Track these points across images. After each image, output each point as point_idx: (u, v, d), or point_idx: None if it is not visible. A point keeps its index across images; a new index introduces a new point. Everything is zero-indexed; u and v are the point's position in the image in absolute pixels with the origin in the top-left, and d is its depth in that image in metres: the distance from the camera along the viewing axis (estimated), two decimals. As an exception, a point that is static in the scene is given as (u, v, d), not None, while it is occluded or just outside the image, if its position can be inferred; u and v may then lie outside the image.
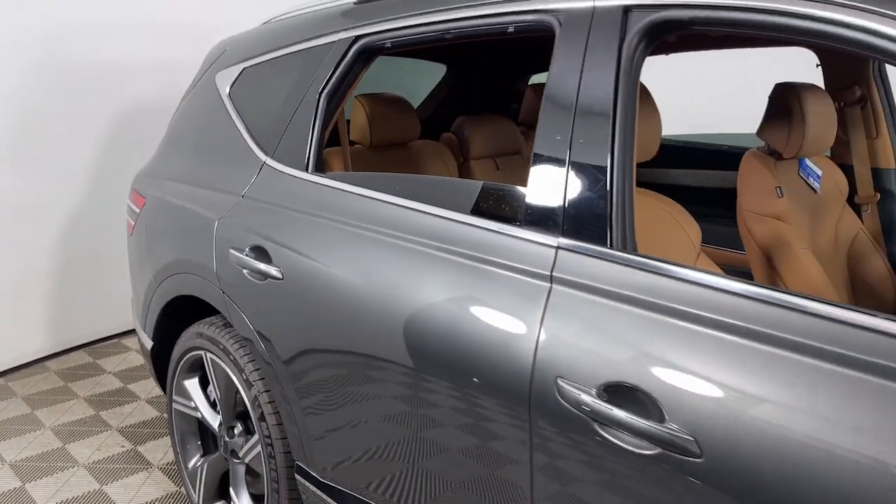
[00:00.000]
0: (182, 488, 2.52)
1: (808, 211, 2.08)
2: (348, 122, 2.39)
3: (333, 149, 2.25)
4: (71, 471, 2.67)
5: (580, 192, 1.27)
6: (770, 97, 2.04)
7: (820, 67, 2.27)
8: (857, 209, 2.24)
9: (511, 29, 1.48)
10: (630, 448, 1.09)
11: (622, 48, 1.27)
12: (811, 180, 2.14)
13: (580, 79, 1.30)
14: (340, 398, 1.64)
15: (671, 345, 1.08)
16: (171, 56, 3.57)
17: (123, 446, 2.85)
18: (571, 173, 1.28)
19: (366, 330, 1.54)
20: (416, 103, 3.10)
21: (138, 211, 2.43)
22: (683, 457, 1.03)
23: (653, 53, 1.37)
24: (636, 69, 1.28)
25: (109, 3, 3.54)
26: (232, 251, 1.89)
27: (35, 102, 3.38)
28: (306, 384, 1.72)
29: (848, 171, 2.24)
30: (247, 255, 1.84)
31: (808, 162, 2.15)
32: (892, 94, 2.24)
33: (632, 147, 1.27)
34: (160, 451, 2.80)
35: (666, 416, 1.05)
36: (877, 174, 2.23)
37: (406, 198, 1.58)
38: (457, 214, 1.46)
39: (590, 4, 1.33)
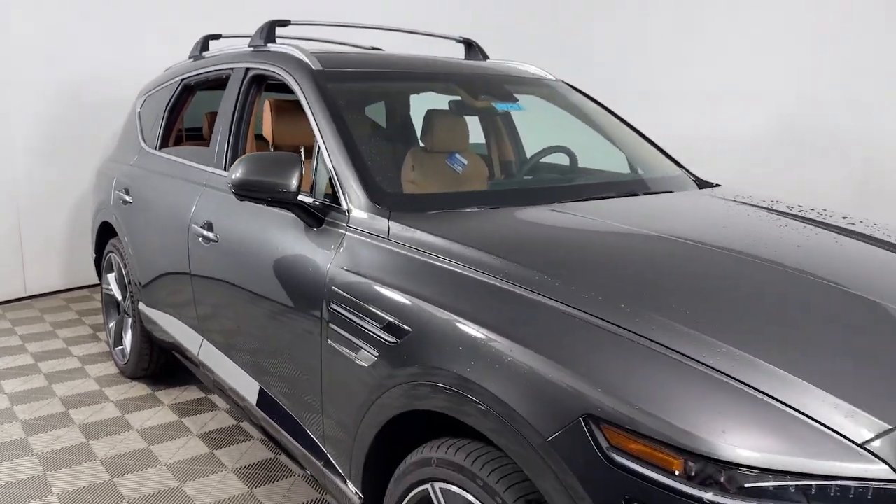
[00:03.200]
0: (113, 359, 4.15)
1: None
2: (188, 128, 4.01)
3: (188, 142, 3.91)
4: (55, 340, 4.38)
5: (220, 151, 2.87)
6: (424, 118, 3.56)
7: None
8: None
9: (224, 76, 3.12)
10: (204, 242, 2.67)
11: (243, 84, 2.88)
12: (455, 166, 3.63)
13: (226, 94, 2.92)
14: (151, 261, 3.28)
15: (211, 197, 2.67)
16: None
17: (87, 332, 4.56)
18: (218, 142, 2.89)
19: (162, 224, 3.16)
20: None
21: (95, 181, 4.18)
22: (213, 243, 2.61)
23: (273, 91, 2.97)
24: (252, 97, 2.87)
25: (115, 55, 5.37)
26: (115, 190, 3.58)
27: (62, 122, 5.23)
28: (139, 257, 3.37)
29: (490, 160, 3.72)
30: (121, 192, 3.53)
31: (457, 155, 3.65)
32: (510, 116, 3.71)
33: (247, 128, 2.86)
34: (103, 335, 4.48)
35: (214, 227, 2.63)
36: (503, 164, 3.71)
37: (184, 159, 3.21)
38: (191, 163, 3.08)
39: (237, 66, 2.95)
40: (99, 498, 2.68)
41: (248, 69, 2.89)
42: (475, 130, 3.62)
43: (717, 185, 2.77)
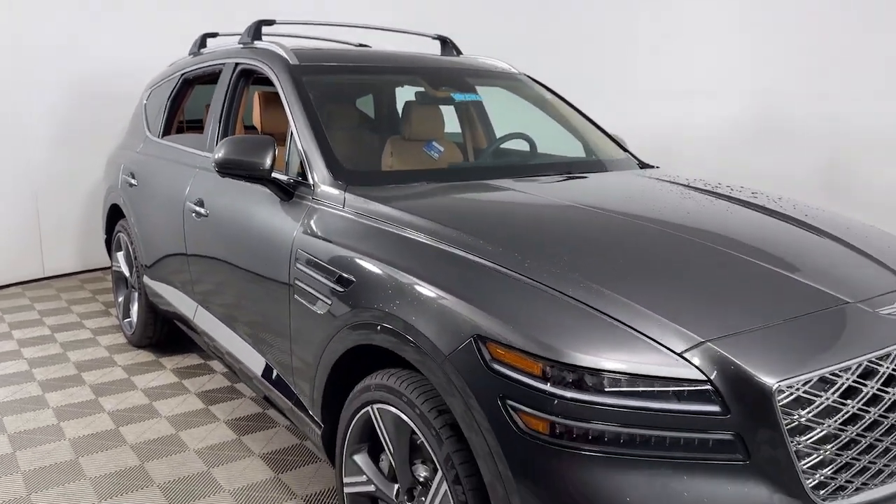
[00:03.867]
0: (122, 331, 4.52)
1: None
2: (191, 119, 4.37)
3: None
4: (70, 315, 4.77)
5: (211, 137, 3.21)
6: (402, 109, 3.89)
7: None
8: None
9: (217, 70, 3.46)
10: (196, 217, 3.02)
11: (232, 77, 3.22)
12: (432, 153, 3.96)
13: (217, 87, 3.27)
14: (153, 237, 3.64)
15: (203, 178, 3.02)
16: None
17: (99, 308, 4.94)
18: (210, 129, 3.24)
19: (162, 203, 3.52)
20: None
21: (106, 168, 4.55)
22: (203, 217, 2.96)
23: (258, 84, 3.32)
24: (241, 89, 3.22)
25: (123, 53, 5.75)
26: (122, 175, 3.95)
27: (74, 116, 5.63)
28: (143, 234, 3.74)
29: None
30: (128, 176, 3.90)
31: (433, 143, 3.98)
32: (483, 106, 4.03)
33: (235, 117, 3.20)
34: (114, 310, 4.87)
35: (205, 203, 2.98)
36: (476, 150, 4.03)
37: (182, 145, 3.57)
38: (188, 148, 3.43)
39: (228, 62, 3.30)
40: (106, 442, 3.04)
41: (237, 64, 3.24)
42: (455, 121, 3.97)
43: (656, 167, 3.08)
